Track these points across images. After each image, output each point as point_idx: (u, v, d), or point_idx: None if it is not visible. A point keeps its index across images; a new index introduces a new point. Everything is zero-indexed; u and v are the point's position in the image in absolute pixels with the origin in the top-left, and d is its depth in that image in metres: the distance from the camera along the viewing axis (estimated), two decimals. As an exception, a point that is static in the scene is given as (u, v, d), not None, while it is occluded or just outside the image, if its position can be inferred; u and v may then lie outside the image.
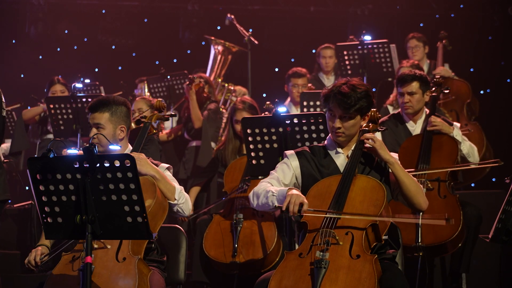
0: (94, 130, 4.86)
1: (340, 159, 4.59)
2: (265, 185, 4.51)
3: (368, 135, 4.50)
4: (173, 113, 5.29)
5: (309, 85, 8.79)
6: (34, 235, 7.51)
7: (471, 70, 10.32)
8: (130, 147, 4.99)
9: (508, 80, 10.54)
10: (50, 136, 8.59)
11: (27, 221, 7.65)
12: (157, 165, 4.85)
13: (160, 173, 4.70)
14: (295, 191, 4.31)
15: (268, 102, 6.86)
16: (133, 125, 5.18)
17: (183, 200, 4.77)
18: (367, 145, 4.49)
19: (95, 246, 4.39)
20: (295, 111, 8.54)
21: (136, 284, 4.26)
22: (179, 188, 4.77)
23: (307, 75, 8.99)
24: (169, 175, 4.88)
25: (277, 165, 4.67)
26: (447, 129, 6.34)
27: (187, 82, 8.48)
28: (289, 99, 9.06)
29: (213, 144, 8.52)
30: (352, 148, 4.56)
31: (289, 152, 4.67)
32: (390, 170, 4.49)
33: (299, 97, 8.67)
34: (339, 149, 4.61)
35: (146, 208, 4.34)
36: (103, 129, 4.85)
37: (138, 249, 4.47)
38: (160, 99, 5.19)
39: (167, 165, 4.93)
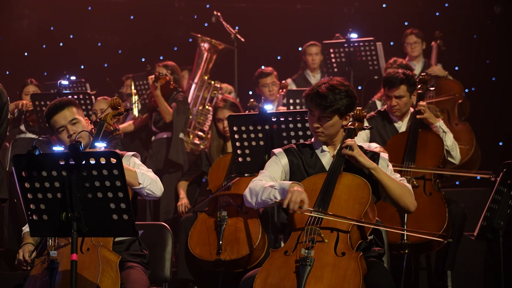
0: (71, 128, 4.77)
1: (326, 157, 4.59)
2: (261, 183, 4.48)
3: (348, 141, 4.47)
4: (128, 108, 5.20)
5: (279, 81, 8.80)
6: (5, 234, 7.46)
7: (456, 68, 10.35)
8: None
9: (494, 79, 10.58)
10: (23, 135, 8.53)
11: (2, 219, 7.60)
12: (122, 155, 4.80)
13: None
14: (297, 187, 4.29)
15: (252, 100, 6.87)
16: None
17: (149, 182, 4.65)
18: (347, 152, 4.45)
19: (61, 244, 4.39)
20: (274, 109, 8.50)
21: (100, 270, 4.26)
22: (140, 171, 4.66)
23: (273, 73, 8.96)
24: (136, 161, 4.82)
25: (266, 164, 4.66)
26: (433, 119, 6.39)
27: (152, 77, 8.28)
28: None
29: (181, 135, 8.47)
30: (338, 148, 4.55)
31: (277, 150, 4.66)
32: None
33: (272, 96, 8.71)
34: (325, 148, 4.60)
35: None
36: (79, 122, 4.80)
37: (103, 238, 4.44)
38: (115, 97, 5.13)
39: (132, 153, 4.88)
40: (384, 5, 11.30)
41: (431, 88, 7.22)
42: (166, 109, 8.19)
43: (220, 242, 6.21)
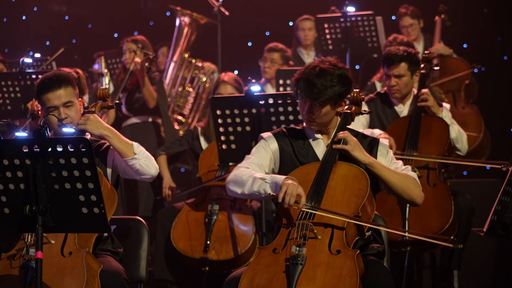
0: (64, 111, 4.76)
1: (320, 146, 4.57)
2: (248, 171, 4.45)
3: (340, 135, 4.43)
4: (117, 102, 5.22)
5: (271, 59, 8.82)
6: None
7: (465, 46, 10.36)
8: None
9: (505, 58, 10.59)
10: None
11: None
12: None
13: (113, 130, 4.69)
14: (291, 181, 4.26)
15: (253, 81, 6.82)
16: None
17: (144, 155, 4.70)
18: (339, 146, 4.42)
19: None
20: (271, 90, 8.49)
21: (85, 279, 4.24)
22: (136, 144, 4.71)
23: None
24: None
25: (253, 149, 4.63)
26: (436, 109, 6.35)
27: (138, 60, 8.08)
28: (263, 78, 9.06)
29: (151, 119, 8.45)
30: (332, 136, 4.54)
31: (266, 134, 4.63)
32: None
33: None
34: (318, 135, 4.59)
35: None
36: (73, 106, 4.79)
37: (86, 243, 4.45)
38: (103, 87, 5.11)
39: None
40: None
41: (436, 68, 7.21)
42: (152, 94, 8.06)
43: (208, 242, 6.17)
